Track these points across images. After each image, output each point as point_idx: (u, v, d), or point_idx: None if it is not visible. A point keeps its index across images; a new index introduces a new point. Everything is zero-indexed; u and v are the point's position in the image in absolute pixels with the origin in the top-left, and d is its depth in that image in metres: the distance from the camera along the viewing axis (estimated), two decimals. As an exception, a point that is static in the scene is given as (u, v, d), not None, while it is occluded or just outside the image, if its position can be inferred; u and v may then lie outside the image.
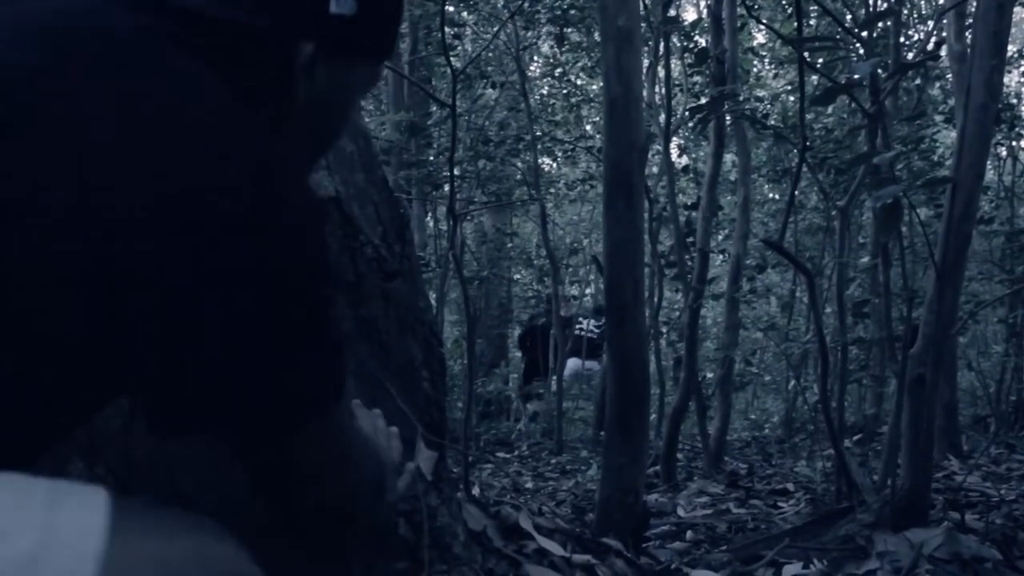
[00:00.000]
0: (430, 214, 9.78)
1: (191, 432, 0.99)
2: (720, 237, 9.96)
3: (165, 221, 0.86)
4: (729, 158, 8.24)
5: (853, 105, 5.49)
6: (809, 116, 7.07)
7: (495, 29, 7.86)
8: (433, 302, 6.35)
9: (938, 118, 8.05)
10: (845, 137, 6.55)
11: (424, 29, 8.40)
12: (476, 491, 3.88)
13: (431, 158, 8.30)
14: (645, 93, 5.52)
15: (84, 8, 0.95)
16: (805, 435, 7.00)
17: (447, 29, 5.33)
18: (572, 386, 9.83)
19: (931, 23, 7.48)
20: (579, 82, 10.66)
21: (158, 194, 0.87)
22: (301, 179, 1.02)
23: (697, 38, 7.42)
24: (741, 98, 6.70)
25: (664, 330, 8.16)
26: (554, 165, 11.85)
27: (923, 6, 8.91)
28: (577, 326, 9.99)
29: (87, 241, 0.85)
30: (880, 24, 5.37)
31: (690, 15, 11.78)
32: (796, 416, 7.90)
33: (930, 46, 6.32)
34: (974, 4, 3.68)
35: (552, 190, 11.20)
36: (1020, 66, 9.18)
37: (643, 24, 4.80)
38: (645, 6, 6.25)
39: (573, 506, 4.55)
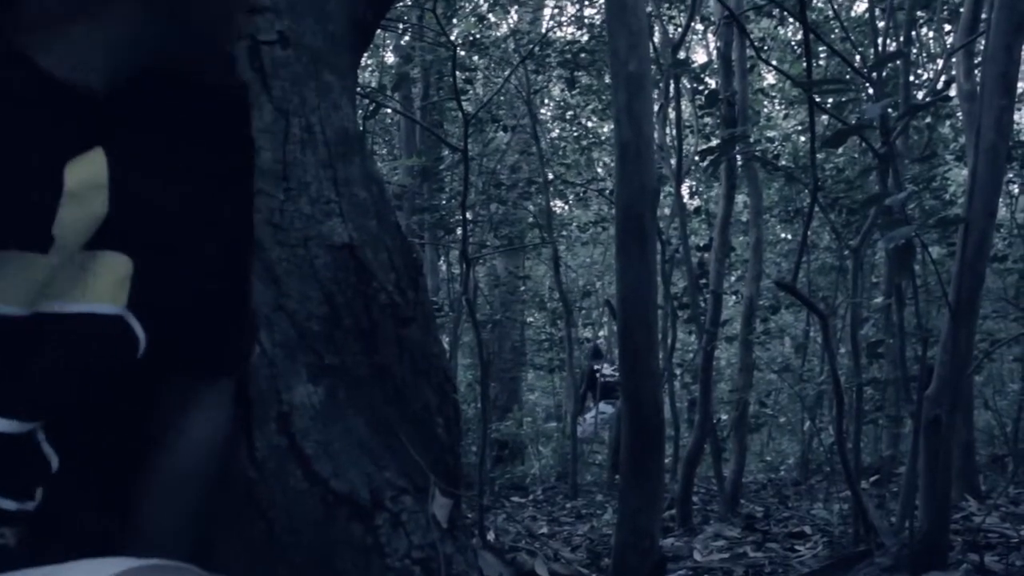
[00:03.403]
0: (443, 258, 9.81)
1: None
2: (733, 278, 9.95)
3: None
4: (741, 199, 8.26)
5: (864, 144, 5.50)
6: (820, 156, 7.09)
7: (506, 73, 7.91)
8: (446, 346, 6.36)
9: (949, 157, 8.06)
10: (857, 177, 6.56)
11: (436, 74, 8.45)
12: (491, 537, 3.87)
13: (443, 202, 8.33)
14: (656, 135, 5.54)
15: None
16: (821, 477, 6.96)
17: (458, 74, 5.36)
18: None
19: (940, 62, 7.51)
20: (590, 125, 10.70)
21: None
22: None
23: (707, 80, 7.45)
24: (752, 139, 6.72)
25: (678, 372, 8.14)
26: (566, 208, 11.88)
27: (932, 45, 8.95)
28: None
29: None
30: (889, 64, 5.39)
31: (700, 57, 11.85)
32: (812, 458, 7.85)
33: (940, 85, 6.33)
34: (983, 44, 3.70)
35: (564, 233, 11.22)
36: (1031, 104, 9.18)
37: (653, 67, 4.82)
38: (655, 49, 6.29)
39: (588, 551, 4.52)
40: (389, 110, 8.62)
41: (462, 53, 8.06)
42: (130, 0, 1.01)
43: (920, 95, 6.62)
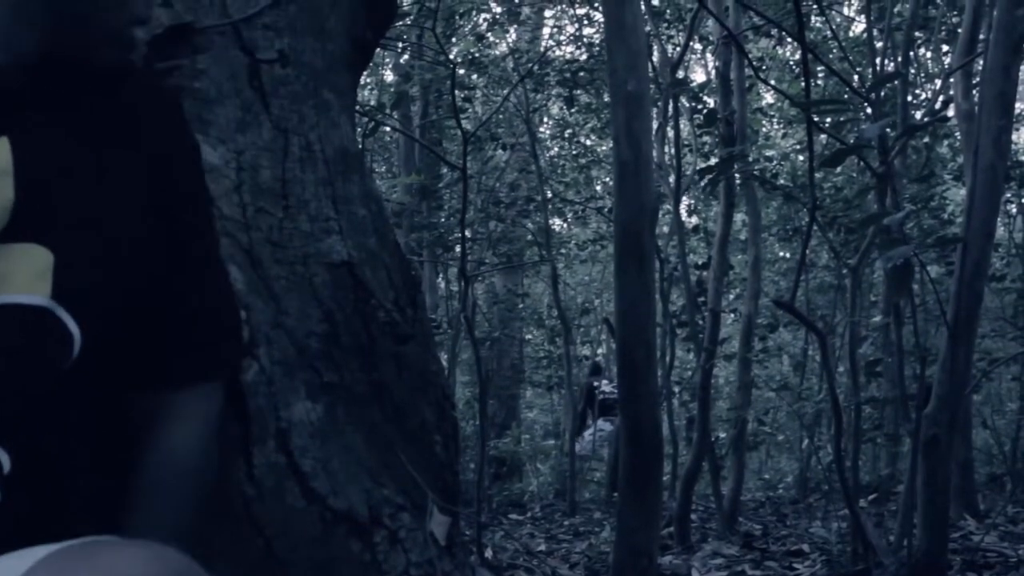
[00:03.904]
0: (441, 276, 9.81)
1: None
2: (731, 297, 9.95)
3: None
4: (739, 218, 8.26)
5: (862, 164, 5.51)
6: (818, 175, 7.10)
7: (505, 92, 7.92)
8: (445, 363, 6.35)
9: (947, 176, 8.08)
10: (855, 196, 6.57)
11: (435, 93, 8.47)
12: (489, 554, 3.86)
13: (442, 220, 8.35)
14: (655, 154, 5.55)
15: None
16: (820, 495, 6.95)
17: (457, 92, 5.38)
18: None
19: (938, 82, 7.53)
20: (588, 143, 10.72)
21: None
22: None
23: (706, 99, 7.46)
24: (750, 158, 6.72)
25: (676, 390, 8.13)
26: (564, 226, 11.89)
27: (930, 66, 8.97)
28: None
29: None
30: (887, 84, 5.40)
31: (699, 76, 11.87)
32: (810, 476, 7.84)
33: (938, 105, 6.35)
34: (981, 64, 3.71)
35: (563, 251, 11.23)
36: (1029, 124, 9.21)
37: (652, 86, 4.83)
38: (654, 68, 6.30)
39: (587, 568, 4.51)
40: (388, 128, 8.63)
41: (461, 72, 8.08)
42: None
43: (918, 115, 6.63)
